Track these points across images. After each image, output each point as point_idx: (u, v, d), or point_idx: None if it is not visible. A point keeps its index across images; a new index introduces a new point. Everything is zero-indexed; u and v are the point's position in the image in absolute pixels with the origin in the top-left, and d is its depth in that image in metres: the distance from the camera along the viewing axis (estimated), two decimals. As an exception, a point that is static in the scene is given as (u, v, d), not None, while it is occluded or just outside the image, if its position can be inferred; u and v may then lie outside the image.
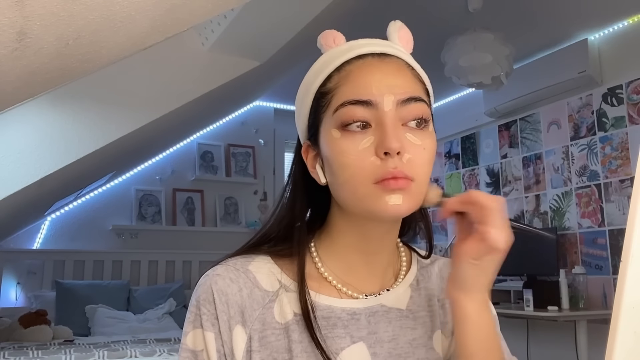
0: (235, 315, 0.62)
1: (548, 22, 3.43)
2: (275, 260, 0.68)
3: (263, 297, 0.64)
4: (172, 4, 0.85)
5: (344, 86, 0.62)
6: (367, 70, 0.62)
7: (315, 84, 0.65)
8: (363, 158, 0.59)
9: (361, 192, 0.60)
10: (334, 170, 0.62)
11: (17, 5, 0.64)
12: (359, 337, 0.64)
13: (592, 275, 3.42)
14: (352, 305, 0.66)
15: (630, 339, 0.38)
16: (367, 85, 0.61)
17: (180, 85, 2.69)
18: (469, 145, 4.53)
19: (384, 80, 0.61)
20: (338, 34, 0.67)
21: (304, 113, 0.67)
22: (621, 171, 3.40)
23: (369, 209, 0.60)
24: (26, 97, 0.97)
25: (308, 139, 0.67)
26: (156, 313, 3.75)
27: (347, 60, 0.63)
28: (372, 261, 0.68)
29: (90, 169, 2.98)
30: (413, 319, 0.68)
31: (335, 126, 0.61)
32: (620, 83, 3.44)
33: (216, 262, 0.67)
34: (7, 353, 2.57)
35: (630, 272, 0.39)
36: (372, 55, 0.63)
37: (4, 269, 3.83)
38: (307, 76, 0.67)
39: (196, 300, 0.63)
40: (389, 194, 0.59)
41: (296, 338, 0.62)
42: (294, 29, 2.54)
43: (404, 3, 3.05)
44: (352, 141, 0.60)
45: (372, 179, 0.59)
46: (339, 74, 0.63)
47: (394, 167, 0.58)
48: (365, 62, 0.63)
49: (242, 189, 4.82)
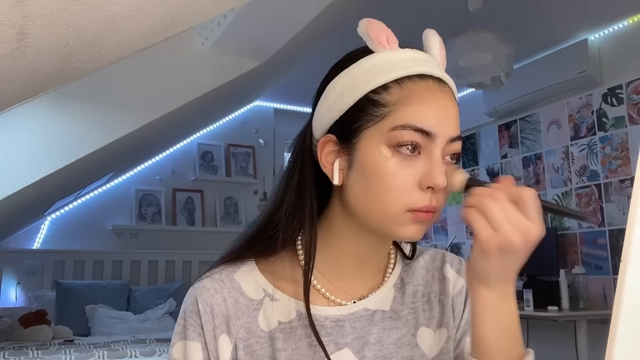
0: (220, 325, 0.63)
1: (548, 22, 3.43)
2: (261, 267, 0.68)
3: (248, 306, 0.65)
4: (172, 4, 0.85)
5: (407, 107, 0.60)
6: (431, 97, 0.61)
7: (367, 87, 0.62)
8: (408, 186, 0.59)
9: (392, 215, 0.60)
10: (370, 183, 0.61)
11: (17, 5, 0.64)
12: (344, 343, 0.64)
13: (592, 275, 3.41)
14: (336, 313, 0.66)
15: (630, 339, 0.38)
16: (431, 115, 0.60)
17: (180, 85, 2.69)
18: (469, 146, 4.53)
19: (444, 113, 0.61)
20: (390, 32, 0.64)
21: (337, 108, 0.63)
22: (621, 171, 3.40)
23: (391, 231, 0.61)
24: (26, 97, 0.97)
25: (334, 133, 0.64)
26: (156, 313, 3.75)
27: (409, 76, 0.61)
28: (364, 267, 0.69)
29: (90, 169, 2.98)
30: (396, 318, 0.68)
31: (388, 144, 0.60)
32: (620, 83, 3.43)
33: (209, 267, 0.68)
34: (7, 353, 2.57)
35: (630, 272, 0.39)
36: (432, 78, 0.62)
37: (4, 269, 3.83)
38: (353, 72, 0.63)
39: (183, 312, 0.65)
40: (417, 224, 0.60)
41: (280, 346, 0.63)
42: (294, 29, 2.54)
43: (404, 3, 3.05)
44: (400, 164, 0.59)
45: (407, 206, 0.59)
46: (400, 89, 0.61)
47: (431, 202, 0.60)
48: (428, 87, 0.61)
49: (242, 189, 4.82)
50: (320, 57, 0.69)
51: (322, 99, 0.66)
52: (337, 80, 0.64)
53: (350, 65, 0.64)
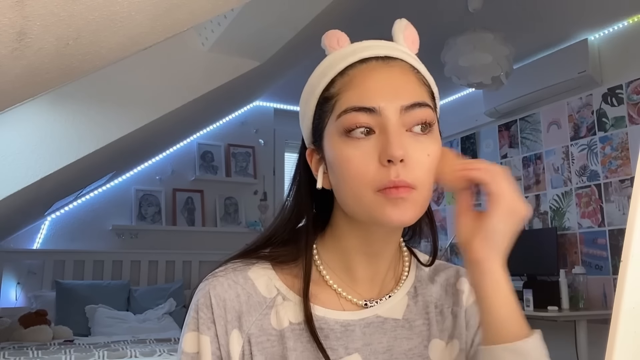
0: (233, 320, 0.63)
1: (548, 22, 3.43)
2: (275, 267, 0.68)
3: (260, 304, 0.65)
4: (172, 4, 0.85)
5: (348, 92, 0.61)
6: (370, 76, 0.61)
7: (319, 88, 0.64)
8: (366, 165, 0.59)
9: (365, 201, 0.60)
10: (337, 176, 0.62)
11: (17, 5, 0.64)
12: (354, 348, 0.64)
13: (592, 275, 3.42)
14: (347, 317, 0.65)
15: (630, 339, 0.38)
16: (370, 91, 0.60)
17: (180, 85, 2.69)
18: (469, 146, 4.53)
19: (388, 85, 0.61)
20: (342, 34, 0.66)
21: (308, 117, 0.66)
22: (621, 171, 3.40)
23: (373, 217, 0.61)
24: (26, 97, 0.97)
25: (312, 142, 0.67)
26: (156, 313, 3.75)
27: (351, 65, 0.63)
28: (374, 263, 0.68)
29: (90, 169, 2.98)
30: (409, 328, 0.68)
31: (339, 132, 0.61)
32: (620, 83, 3.44)
33: (220, 263, 0.68)
34: (7, 353, 2.57)
35: (630, 272, 0.39)
36: (375, 59, 0.63)
37: (4, 269, 3.83)
38: (311, 79, 0.66)
39: (195, 304, 0.65)
40: (392, 203, 0.59)
41: (291, 346, 0.63)
42: (294, 29, 2.54)
43: (404, 3, 3.05)
44: (355, 147, 0.60)
45: (374, 187, 0.59)
46: (342, 78, 0.62)
47: (396, 176, 0.58)
48: (368, 67, 0.62)
49: (242, 189, 4.82)
50: (320, 57, 0.69)
51: (300, 114, 0.69)
52: (303, 92, 0.68)
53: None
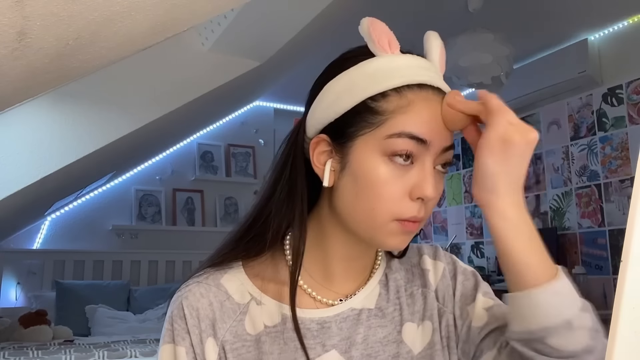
0: (207, 329, 0.63)
1: (548, 22, 3.43)
2: (247, 270, 0.68)
3: (234, 310, 0.65)
4: (172, 4, 0.85)
5: (404, 115, 0.59)
6: (428, 106, 0.60)
7: (366, 92, 0.61)
8: (398, 195, 0.60)
9: (379, 224, 0.60)
10: (360, 189, 0.61)
11: (17, 5, 0.64)
12: (331, 345, 0.64)
13: (592, 275, 3.42)
14: (322, 315, 0.66)
15: (630, 339, 0.38)
16: (428, 123, 0.60)
17: (180, 85, 2.69)
18: (469, 146, 4.52)
19: (439, 122, 0.61)
20: (393, 37, 0.63)
21: (334, 110, 0.62)
22: (621, 171, 3.40)
23: (376, 239, 0.62)
24: (26, 97, 0.97)
25: (327, 134, 0.64)
26: (156, 313, 3.74)
27: (408, 85, 0.61)
28: (352, 266, 0.69)
29: (90, 169, 2.98)
30: (382, 316, 0.68)
31: (382, 151, 0.60)
32: (620, 83, 3.44)
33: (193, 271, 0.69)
34: (7, 353, 2.56)
35: (630, 272, 0.39)
36: (432, 88, 0.62)
37: (4, 269, 3.83)
38: (353, 74, 0.62)
39: (169, 316, 0.65)
40: (403, 234, 0.61)
41: (267, 350, 0.63)
42: (294, 29, 2.54)
43: (404, 3, 3.05)
44: (393, 173, 0.60)
45: (395, 216, 0.60)
46: (399, 98, 0.60)
47: (419, 212, 0.60)
48: (427, 96, 0.61)
49: (242, 189, 4.82)
50: (320, 57, 0.68)
51: (319, 98, 0.65)
52: (335, 82, 0.63)
53: (349, 67, 0.63)
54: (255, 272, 0.68)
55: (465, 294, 0.70)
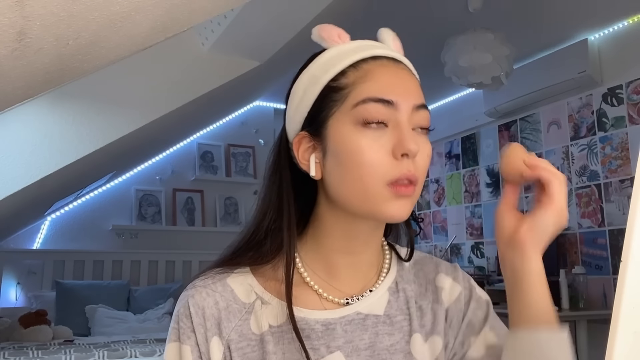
0: (212, 328, 0.64)
1: (548, 22, 3.43)
2: (254, 271, 0.68)
3: (240, 310, 0.66)
4: (172, 4, 0.85)
5: (364, 84, 0.62)
6: (387, 71, 0.63)
7: (325, 77, 0.64)
8: (380, 157, 0.60)
9: (372, 192, 0.60)
10: (344, 166, 0.62)
11: (17, 5, 0.64)
12: (335, 346, 0.64)
13: (592, 275, 3.41)
14: (327, 316, 0.66)
15: (630, 339, 0.38)
16: (388, 85, 0.62)
17: (180, 85, 2.69)
18: (469, 146, 4.53)
19: (402, 83, 0.63)
20: (342, 30, 0.68)
21: (304, 105, 0.66)
22: (621, 171, 3.40)
23: (375, 210, 0.61)
24: (26, 97, 0.97)
25: (308, 130, 0.65)
26: (156, 313, 3.75)
27: (363, 59, 0.64)
28: (356, 262, 0.69)
29: (90, 169, 2.98)
30: (390, 324, 0.68)
31: (354, 122, 0.61)
32: (620, 83, 3.43)
33: (199, 272, 0.69)
34: (7, 353, 2.57)
35: (630, 272, 0.39)
36: (387, 58, 0.65)
37: (4, 269, 3.83)
38: (311, 69, 0.66)
39: (175, 315, 0.66)
40: (398, 199, 0.61)
41: (271, 349, 0.63)
42: (294, 29, 2.54)
43: (404, 3, 3.05)
44: (371, 138, 0.60)
45: (386, 180, 0.60)
46: (356, 71, 0.63)
47: (408, 170, 0.60)
48: (382, 64, 0.64)
49: (242, 189, 4.82)
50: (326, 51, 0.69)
51: (289, 102, 0.68)
52: (299, 81, 0.68)
53: (309, 65, 0.67)
54: (261, 272, 0.68)
55: (473, 324, 0.70)
